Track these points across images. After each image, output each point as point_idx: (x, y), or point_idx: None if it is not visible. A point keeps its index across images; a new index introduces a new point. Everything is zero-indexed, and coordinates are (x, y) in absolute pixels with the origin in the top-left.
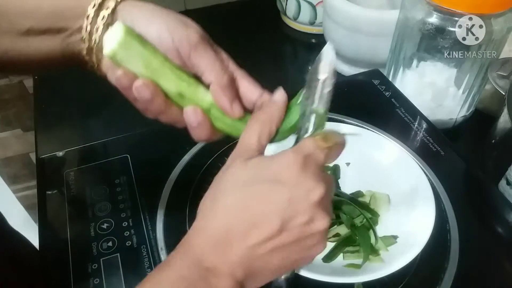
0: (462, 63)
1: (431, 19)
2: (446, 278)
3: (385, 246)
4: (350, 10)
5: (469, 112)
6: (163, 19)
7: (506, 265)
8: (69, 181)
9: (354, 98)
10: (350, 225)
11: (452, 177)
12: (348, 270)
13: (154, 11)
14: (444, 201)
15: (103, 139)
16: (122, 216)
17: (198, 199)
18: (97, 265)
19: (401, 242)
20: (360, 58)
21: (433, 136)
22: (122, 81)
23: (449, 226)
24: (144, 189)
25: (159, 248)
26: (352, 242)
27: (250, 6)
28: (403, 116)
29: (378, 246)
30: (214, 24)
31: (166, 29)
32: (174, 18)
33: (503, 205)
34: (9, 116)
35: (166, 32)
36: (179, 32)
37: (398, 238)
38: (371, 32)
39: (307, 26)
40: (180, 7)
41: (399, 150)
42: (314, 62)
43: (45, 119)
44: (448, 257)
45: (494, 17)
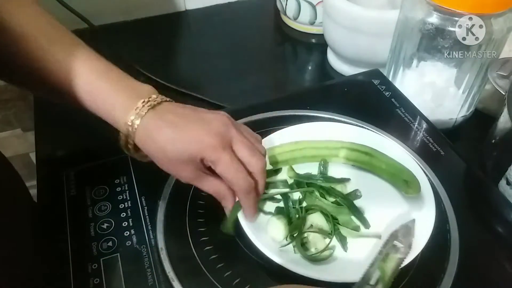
0: (462, 63)
1: (431, 19)
2: (446, 278)
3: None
4: (350, 10)
5: (469, 112)
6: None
7: (506, 265)
8: (69, 181)
9: (354, 98)
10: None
11: (452, 177)
12: (348, 270)
13: (175, 130)
14: (444, 201)
15: (103, 139)
16: (122, 216)
17: (198, 199)
18: (97, 265)
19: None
20: (360, 58)
21: (433, 136)
22: None
23: (449, 226)
24: (144, 189)
25: (159, 248)
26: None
27: (250, 6)
28: (403, 116)
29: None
30: (214, 24)
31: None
32: (193, 133)
33: (503, 205)
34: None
35: (187, 152)
36: (195, 149)
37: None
38: (371, 32)
39: (307, 26)
40: (180, 7)
41: (399, 150)
42: (399, 227)
43: (45, 119)
44: (448, 257)
45: (494, 17)
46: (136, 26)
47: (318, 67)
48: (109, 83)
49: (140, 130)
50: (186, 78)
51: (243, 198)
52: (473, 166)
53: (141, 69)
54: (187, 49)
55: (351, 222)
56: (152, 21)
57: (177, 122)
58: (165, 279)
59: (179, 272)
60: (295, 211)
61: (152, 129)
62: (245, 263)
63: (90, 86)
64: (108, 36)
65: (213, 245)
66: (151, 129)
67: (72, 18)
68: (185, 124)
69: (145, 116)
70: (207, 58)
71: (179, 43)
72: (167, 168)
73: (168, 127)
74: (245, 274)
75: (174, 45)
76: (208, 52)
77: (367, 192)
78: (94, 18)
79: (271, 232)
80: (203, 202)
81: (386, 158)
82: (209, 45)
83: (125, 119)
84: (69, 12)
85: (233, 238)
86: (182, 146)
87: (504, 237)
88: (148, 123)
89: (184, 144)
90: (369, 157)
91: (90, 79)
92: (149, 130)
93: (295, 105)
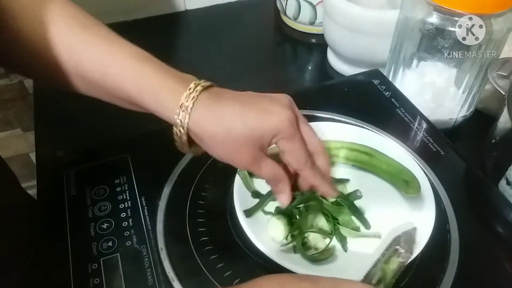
0: (462, 63)
1: (431, 19)
2: (446, 278)
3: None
4: (350, 10)
5: (469, 112)
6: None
7: (506, 265)
8: (69, 181)
9: (354, 98)
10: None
11: (452, 177)
12: (348, 270)
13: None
14: (444, 201)
15: (103, 139)
16: (122, 216)
17: (198, 199)
18: (97, 265)
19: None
20: (360, 58)
21: (433, 136)
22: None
23: (449, 226)
24: (144, 189)
25: (159, 248)
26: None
27: (250, 6)
28: (403, 116)
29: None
30: (214, 24)
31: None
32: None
33: (503, 205)
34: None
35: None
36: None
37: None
38: (371, 32)
39: (307, 26)
40: (180, 7)
41: (399, 150)
42: (402, 233)
43: (45, 119)
44: (448, 257)
45: (494, 17)
46: (136, 26)
47: (318, 67)
48: (153, 68)
49: (197, 111)
50: None
51: (307, 171)
52: (473, 166)
53: None
54: (187, 49)
55: (351, 222)
56: (152, 21)
57: (242, 99)
58: (165, 279)
59: (179, 272)
60: (296, 211)
61: (215, 107)
62: (245, 263)
63: (133, 72)
64: None
65: (213, 245)
66: (213, 107)
67: None
68: (251, 100)
69: (200, 97)
70: (207, 58)
71: (179, 43)
72: (225, 152)
73: (235, 103)
74: (245, 274)
75: (174, 45)
76: (208, 52)
77: (367, 192)
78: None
79: (271, 232)
80: (203, 202)
81: (386, 158)
82: (209, 45)
83: (176, 102)
84: None
85: (233, 238)
86: (254, 122)
87: (504, 237)
88: (207, 102)
89: (256, 119)
90: (369, 157)
91: (133, 65)
92: (211, 109)
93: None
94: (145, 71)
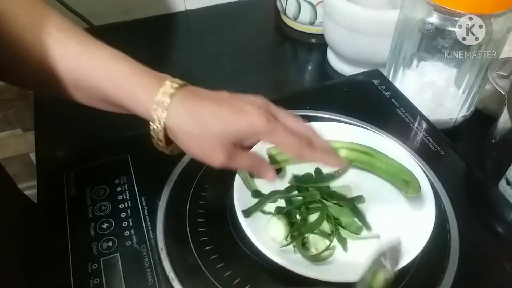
0: (462, 63)
1: (431, 19)
2: (446, 278)
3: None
4: (350, 10)
5: (469, 112)
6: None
7: (506, 265)
8: (69, 181)
9: (354, 98)
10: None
11: (452, 177)
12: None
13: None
14: (444, 201)
15: (103, 139)
16: (122, 216)
17: (198, 199)
18: (97, 265)
19: (401, 242)
20: (360, 58)
21: (433, 136)
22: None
23: (449, 226)
24: (144, 189)
25: (159, 248)
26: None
27: (250, 6)
28: (403, 116)
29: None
30: (214, 24)
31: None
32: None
33: (503, 205)
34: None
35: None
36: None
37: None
38: (371, 32)
39: (307, 26)
40: (180, 7)
41: (399, 150)
42: (387, 248)
43: (45, 119)
44: (448, 257)
45: (494, 17)
46: (136, 26)
47: (318, 67)
48: (129, 66)
49: (174, 108)
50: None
51: (308, 152)
52: (473, 166)
53: None
54: (187, 49)
55: (354, 224)
56: (152, 21)
57: (217, 98)
58: (165, 279)
59: (179, 272)
60: (297, 212)
61: (191, 104)
62: (245, 263)
63: (110, 70)
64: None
65: (213, 245)
66: (189, 104)
67: (72, 18)
68: (226, 100)
69: (176, 94)
70: (207, 58)
71: (179, 43)
72: (200, 149)
73: (211, 102)
74: (245, 274)
75: (174, 45)
76: (208, 52)
77: (367, 192)
78: (94, 18)
79: (271, 232)
80: (203, 202)
81: (386, 158)
82: (209, 45)
83: (152, 99)
84: (69, 12)
85: (233, 238)
86: (229, 120)
87: (504, 237)
88: (183, 100)
89: (231, 118)
90: (369, 157)
91: (109, 63)
92: (188, 106)
93: (295, 105)
94: (121, 68)
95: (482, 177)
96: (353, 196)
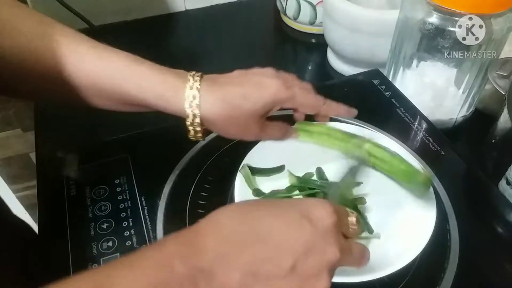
0: (462, 63)
1: (431, 19)
2: (446, 278)
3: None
4: (350, 10)
5: (469, 112)
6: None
7: (506, 265)
8: (69, 181)
9: (354, 98)
10: None
11: (452, 177)
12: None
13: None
14: (444, 201)
15: (103, 139)
16: (122, 216)
17: (198, 199)
18: (97, 265)
19: (402, 242)
20: (360, 58)
21: (433, 136)
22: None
23: (449, 226)
24: (144, 189)
25: None
26: None
27: (250, 6)
28: (403, 116)
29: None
30: (214, 24)
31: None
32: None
33: (503, 205)
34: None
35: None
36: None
37: (398, 238)
38: (371, 32)
39: (307, 26)
40: (180, 7)
41: (399, 150)
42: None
43: (45, 119)
44: (448, 257)
45: (494, 17)
46: (136, 26)
47: (318, 67)
48: (148, 67)
49: (204, 99)
50: None
51: (324, 107)
52: (473, 166)
53: None
54: (187, 49)
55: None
56: (152, 21)
57: (235, 80)
58: None
59: None
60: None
61: (217, 91)
62: None
63: (131, 72)
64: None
65: None
66: (215, 92)
67: (72, 18)
68: (244, 79)
69: (202, 86)
70: (207, 58)
71: (179, 43)
72: (237, 129)
73: (232, 85)
74: None
75: (174, 45)
76: (208, 52)
77: (368, 192)
78: (94, 18)
79: None
80: (203, 202)
81: (403, 159)
82: (209, 45)
83: (181, 95)
84: (69, 12)
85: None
86: (255, 97)
87: (504, 237)
88: (209, 89)
89: (255, 94)
90: (391, 157)
91: (129, 66)
92: (214, 94)
93: None
94: (141, 70)
95: (482, 177)
96: (354, 196)
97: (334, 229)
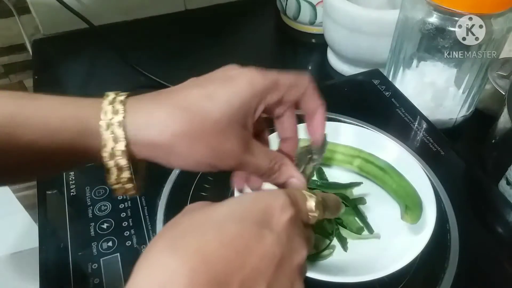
0: (462, 63)
1: (431, 19)
2: (446, 278)
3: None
4: (350, 10)
5: (469, 112)
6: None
7: (506, 265)
8: (69, 181)
9: (354, 98)
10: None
11: (452, 177)
12: (348, 270)
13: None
14: (444, 201)
15: None
16: (122, 216)
17: (198, 199)
18: (97, 265)
19: (402, 242)
20: (360, 58)
21: (433, 136)
22: None
23: (449, 226)
24: (144, 189)
25: None
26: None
27: (250, 6)
28: (403, 116)
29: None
30: (214, 24)
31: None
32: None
33: (503, 205)
34: None
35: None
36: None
37: (398, 238)
38: (371, 32)
39: (307, 26)
40: (180, 7)
41: (399, 150)
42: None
43: None
44: (448, 257)
45: (494, 17)
46: (136, 26)
47: (318, 67)
48: (54, 99)
49: (136, 112)
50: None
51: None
52: (473, 166)
53: (141, 69)
54: (187, 49)
55: (355, 223)
56: (152, 21)
57: (191, 84)
58: None
59: None
60: None
61: (163, 100)
62: None
63: (46, 109)
64: (108, 36)
65: None
66: (159, 102)
67: (72, 18)
68: (204, 80)
69: (128, 99)
70: (207, 58)
71: (179, 43)
72: (209, 147)
73: (190, 88)
74: None
75: (174, 45)
76: (208, 52)
77: (368, 192)
78: (94, 18)
79: None
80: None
81: (400, 178)
82: (209, 45)
83: (98, 114)
84: (69, 12)
85: None
86: (227, 92)
87: (504, 237)
88: (143, 102)
89: (228, 89)
90: (383, 173)
91: (43, 103)
92: (159, 102)
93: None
94: (37, 104)
95: (482, 177)
96: (354, 196)
97: (295, 223)
